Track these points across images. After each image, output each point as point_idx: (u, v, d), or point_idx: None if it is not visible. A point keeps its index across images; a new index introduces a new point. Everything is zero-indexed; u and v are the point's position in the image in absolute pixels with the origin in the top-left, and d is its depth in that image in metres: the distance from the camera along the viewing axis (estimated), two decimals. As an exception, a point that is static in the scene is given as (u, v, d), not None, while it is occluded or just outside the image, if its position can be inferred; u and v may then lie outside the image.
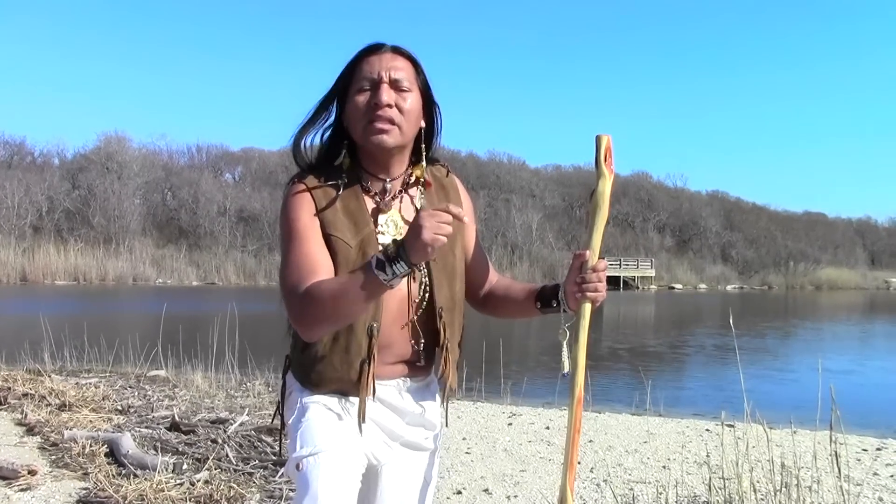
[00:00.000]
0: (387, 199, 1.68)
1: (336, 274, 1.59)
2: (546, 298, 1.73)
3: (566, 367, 1.66)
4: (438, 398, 1.81)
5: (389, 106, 1.61)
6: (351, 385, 1.63)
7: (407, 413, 1.73)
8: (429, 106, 1.71)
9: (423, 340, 1.70)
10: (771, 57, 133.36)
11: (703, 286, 56.39)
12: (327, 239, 1.61)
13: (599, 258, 1.66)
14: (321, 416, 1.62)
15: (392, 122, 1.62)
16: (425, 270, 1.69)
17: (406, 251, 1.43)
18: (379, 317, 1.61)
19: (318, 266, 1.57)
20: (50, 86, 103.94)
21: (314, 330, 1.54)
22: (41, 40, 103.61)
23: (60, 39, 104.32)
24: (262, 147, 61.55)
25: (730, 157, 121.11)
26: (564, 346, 1.66)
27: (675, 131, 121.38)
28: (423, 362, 1.72)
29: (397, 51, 1.66)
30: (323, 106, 1.69)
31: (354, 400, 1.65)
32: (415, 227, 1.43)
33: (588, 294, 1.64)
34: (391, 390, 1.69)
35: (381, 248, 1.55)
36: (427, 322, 1.70)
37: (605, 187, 1.67)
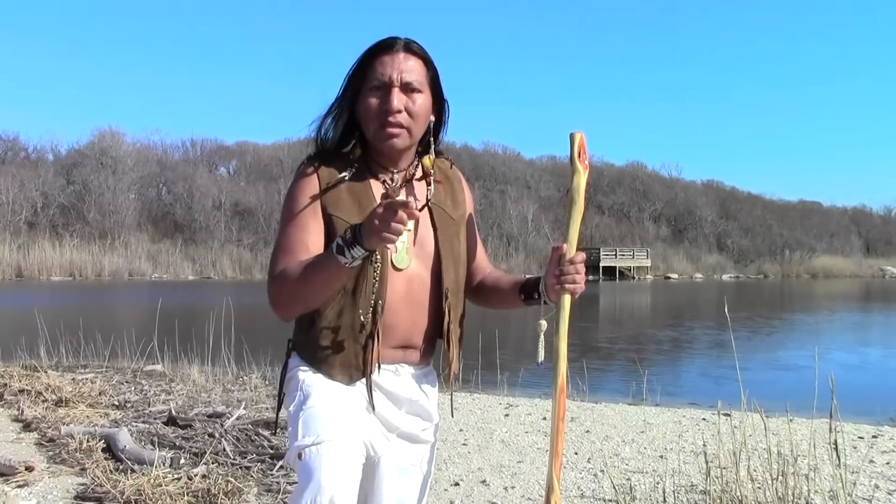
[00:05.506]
0: (395, 185, 1.71)
1: None
2: (529, 290, 1.78)
3: (541, 357, 1.73)
4: (436, 389, 1.82)
5: (400, 111, 1.65)
6: (355, 362, 1.64)
7: (404, 401, 1.73)
8: (438, 102, 1.74)
9: (426, 323, 1.72)
10: (765, 46, 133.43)
11: (698, 275, 56.38)
12: (328, 219, 1.65)
13: (578, 250, 1.70)
14: (323, 403, 1.62)
15: (402, 125, 1.66)
16: (433, 251, 1.72)
17: (362, 235, 1.48)
18: (384, 294, 1.63)
19: (298, 249, 1.62)
20: (43, 81, 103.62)
21: (284, 310, 1.63)
22: (33, 35, 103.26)
23: (53, 34, 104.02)
24: (257, 141, 61.54)
25: (725, 146, 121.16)
26: (542, 336, 1.73)
27: (669, 121, 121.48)
28: (424, 346, 1.74)
29: (409, 49, 1.69)
30: (341, 99, 1.73)
31: (356, 386, 1.65)
32: (371, 216, 1.47)
33: (567, 286, 1.69)
34: (389, 375, 1.70)
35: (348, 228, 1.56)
36: (432, 305, 1.72)
37: (580, 182, 1.72)
